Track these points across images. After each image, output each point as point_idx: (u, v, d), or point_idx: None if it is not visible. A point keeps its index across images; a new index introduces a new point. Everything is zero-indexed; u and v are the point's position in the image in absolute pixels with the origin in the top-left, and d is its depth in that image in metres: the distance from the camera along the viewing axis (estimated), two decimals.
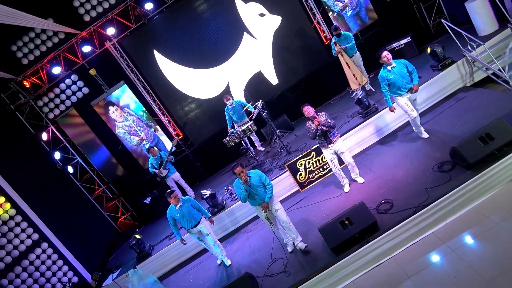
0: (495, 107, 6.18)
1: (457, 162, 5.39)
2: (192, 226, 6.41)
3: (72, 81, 9.82)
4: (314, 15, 9.81)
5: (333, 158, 6.36)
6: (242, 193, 5.53)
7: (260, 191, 5.56)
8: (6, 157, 8.58)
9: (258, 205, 5.66)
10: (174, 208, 6.39)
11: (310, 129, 6.17)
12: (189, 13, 9.58)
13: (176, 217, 6.39)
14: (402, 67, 6.21)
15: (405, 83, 6.21)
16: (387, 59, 6.22)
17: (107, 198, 10.69)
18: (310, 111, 6.07)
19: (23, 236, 8.05)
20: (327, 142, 6.18)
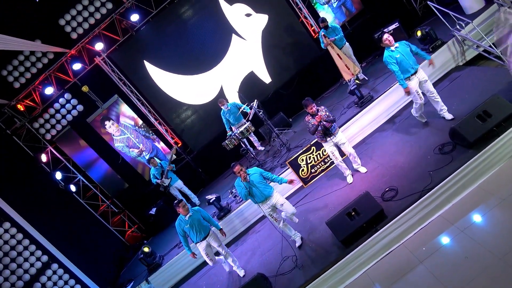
0: (489, 83, 6.17)
1: (457, 143, 5.38)
2: (202, 239, 6.11)
3: (66, 100, 9.81)
4: (300, 10, 9.80)
5: (334, 150, 6.34)
6: (243, 190, 5.62)
7: (262, 188, 5.65)
8: (8, 182, 8.57)
9: (260, 202, 5.72)
10: (183, 218, 6.06)
11: (309, 124, 6.13)
12: (176, 21, 9.57)
13: (186, 228, 6.05)
14: (405, 47, 5.93)
15: (412, 63, 5.89)
16: (389, 42, 5.91)
17: (113, 213, 10.68)
18: (314, 108, 6.02)
19: (33, 259, 8.03)
20: (328, 135, 6.17)
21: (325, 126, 6.03)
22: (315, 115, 6.03)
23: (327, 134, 6.15)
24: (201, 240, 6.13)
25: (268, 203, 5.75)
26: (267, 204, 5.75)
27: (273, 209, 5.81)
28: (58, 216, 9.20)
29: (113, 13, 9.22)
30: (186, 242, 6.23)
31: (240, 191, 5.68)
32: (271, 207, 5.78)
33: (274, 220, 5.83)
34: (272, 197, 5.77)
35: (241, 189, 5.66)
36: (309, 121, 6.13)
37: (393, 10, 9.80)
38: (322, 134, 6.16)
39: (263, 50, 9.99)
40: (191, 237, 6.15)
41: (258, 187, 5.63)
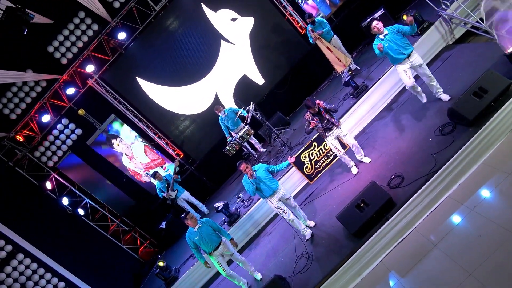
0: (481, 59, 6.17)
1: (457, 122, 5.39)
2: (213, 249, 6.00)
3: (64, 125, 9.85)
4: (285, 8, 9.83)
5: (336, 144, 6.38)
6: (250, 187, 5.83)
7: (269, 183, 5.87)
8: (16, 213, 8.61)
9: (268, 196, 5.91)
10: (192, 230, 6.00)
11: (307, 122, 6.22)
12: (163, 34, 9.60)
13: (195, 240, 5.97)
14: (394, 34, 5.93)
15: (402, 49, 5.90)
16: (377, 29, 5.94)
17: (123, 231, 10.72)
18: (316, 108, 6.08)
19: (50, 287, 8.05)
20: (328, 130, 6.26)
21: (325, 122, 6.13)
22: (317, 113, 6.11)
23: (327, 129, 6.24)
24: (213, 251, 6.03)
25: (276, 196, 5.94)
26: (275, 197, 5.94)
27: (280, 202, 5.99)
28: (69, 241, 9.25)
29: (100, 34, 9.26)
30: (198, 253, 6.18)
31: (248, 187, 5.88)
32: (278, 200, 5.96)
33: (283, 213, 5.99)
34: (279, 190, 5.98)
35: (248, 186, 5.87)
36: (308, 119, 6.18)
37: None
38: (323, 130, 6.24)
39: (253, 53, 10.02)
40: (203, 248, 6.07)
41: (265, 182, 5.85)
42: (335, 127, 6.24)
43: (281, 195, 5.97)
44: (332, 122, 6.18)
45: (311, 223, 6.39)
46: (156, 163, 10.29)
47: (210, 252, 6.06)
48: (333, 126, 6.22)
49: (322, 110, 6.12)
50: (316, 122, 6.18)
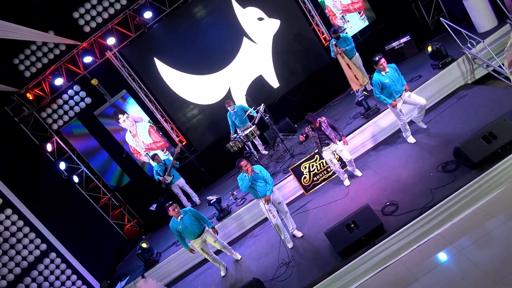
0: (497, 104, 6.17)
1: (461, 162, 5.39)
2: (196, 237, 6.36)
3: (75, 92, 9.89)
4: (313, 17, 9.83)
5: (332, 158, 6.64)
6: (245, 183, 5.90)
7: (261, 185, 5.96)
8: (12, 169, 8.63)
9: (261, 197, 5.98)
10: (175, 220, 6.32)
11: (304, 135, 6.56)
12: (188, 20, 9.62)
13: (179, 229, 6.31)
14: (394, 71, 6.33)
15: (399, 86, 6.33)
16: (383, 67, 6.28)
17: (113, 206, 10.76)
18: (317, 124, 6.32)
19: (32, 246, 8.10)
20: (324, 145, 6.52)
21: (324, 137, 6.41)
22: (317, 128, 6.35)
23: (324, 144, 6.48)
24: (196, 238, 6.37)
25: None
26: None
27: (272, 205, 6.05)
28: (59, 206, 9.27)
29: (127, 9, 9.29)
30: (182, 240, 6.47)
31: (242, 183, 5.95)
32: (270, 203, 6.01)
33: (272, 216, 6.02)
34: (273, 193, 6.06)
35: (243, 182, 5.93)
36: (307, 132, 6.50)
37: (405, 23, 9.82)
38: (319, 144, 6.48)
39: (273, 55, 10.03)
40: (186, 236, 6.40)
41: (260, 182, 5.94)
42: (332, 143, 6.46)
43: (273, 198, 6.06)
44: (330, 138, 6.40)
45: (298, 234, 6.42)
46: (158, 145, 10.33)
47: (193, 239, 6.39)
48: (330, 141, 6.45)
49: (324, 125, 6.34)
50: (314, 136, 6.43)
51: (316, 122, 6.29)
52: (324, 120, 6.41)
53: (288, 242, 6.30)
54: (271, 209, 6.04)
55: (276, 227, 6.16)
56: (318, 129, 6.36)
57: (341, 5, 9.75)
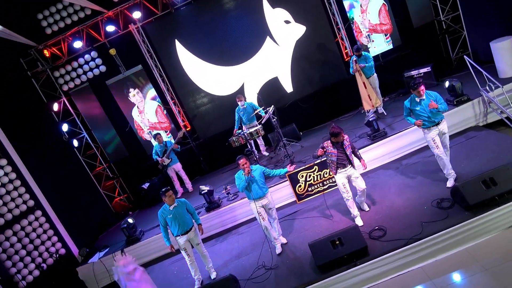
0: (504, 152, 6.15)
1: (456, 201, 5.38)
2: (183, 232, 5.94)
3: (91, 58, 9.93)
4: (339, 30, 9.82)
5: (346, 183, 5.86)
6: (242, 183, 5.80)
7: (260, 185, 5.87)
8: (14, 120, 8.66)
9: (254, 199, 5.88)
10: (167, 208, 5.93)
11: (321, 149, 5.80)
12: (216, 9, 9.64)
13: (168, 218, 5.89)
14: (428, 100, 5.78)
15: (431, 116, 5.76)
16: (420, 94, 5.75)
17: (107, 177, 10.80)
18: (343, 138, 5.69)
19: (19, 201, 8.12)
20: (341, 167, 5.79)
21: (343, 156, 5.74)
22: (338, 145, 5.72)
23: (341, 165, 5.77)
24: (182, 234, 5.97)
25: (261, 201, 5.93)
26: (260, 202, 5.93)
27: (263, 208, 5.98)
28: (53, 166, 9.31)
29: None
30: (165, 233, 6.04)
31: (239, 183, 5.86)
32: (262, 206, 5.95)
33: (262, 219, 5.94)
34: (266, 197, 5.97)
35: (240, 181, 5.84)
36: (326, 147, 5.76)
37: (429, 54, 9.81)
38: (336, 164, 5.78)
39: (293, 60, 10.02)
40: (172, 229, 5.99)
41: (257, 183, 5.85)
42: (350, 166, 5.80)
43: (265, 203, 5.98)
44: (350, 159, 5.77)
45: (283, 240, 6.40)
46: (162, 126, 10.35)
47: (179, 235, 5.98)
48: (348, 163, 5.78)
49: (346, 143, 5.71)
50: (333, 153, 5.72)
51: (342, 136, 5.63)
52: (347, 138, 5.74)
53: (277, 247, 6.20)
54: (261, 212, 5.96)
55: (265, 230, 6.10)
56: (340, 146, 5.70)
57: (369, 23, 9.74)
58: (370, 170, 7.55)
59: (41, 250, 8.13)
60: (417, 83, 5.78)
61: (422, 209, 5.64)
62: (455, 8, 9.53)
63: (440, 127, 5.87)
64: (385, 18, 9.67)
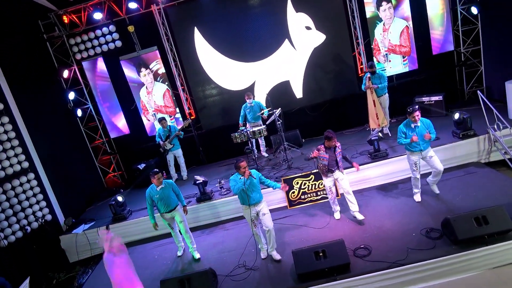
0: (501, 192, 6.14)
1: (445, 233, 5.36)
2: (167, 211, 6.38)
3: (109, 31, 9.91)
4: (358, 45, 9.80)
5: (332, 186, 6.44)
6: (238, 185, 5.58)
7: (256, 190, 5.70)
8: (23, 80, 8.64)
9: (248, 205, 5.68)
10: (155, 188, 6.33)
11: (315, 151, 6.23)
12: (240, 3, 9.62)
13: (155, 198, 6.33)
14: (424, 128, 6.08)
15: (424, 144, 6.11)
16: (415, 120, 6.06)
17: (104, 151, 10.80)
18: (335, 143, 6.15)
19: (14, 160, 8.09)
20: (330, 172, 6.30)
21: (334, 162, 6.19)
22: (330, 150, 6.16)
23: (330, 170, 6.27)
24: (166, 212, 6.40)
25: (255, 208, 5.73)
26: (254, 209, 5.73)
27: (255, 215, 5.79)
28: (54, 132, 9.29)
29: None
30: (151, 211, 6.48)
31: (235, 185, 5.62)
32: (255, 212, 5.76)
33: (253, 225, 5.81)
34: (260, 204, 5.78)
35: (236, 183, 5.62)
36: (319, 150, 6.21)
37: (443, 83, 9.80)
38: (327, 168, 6.25)
39: (307, 66, 10.01)
40: (158, 207, 6.42)
41: (253, 189, 5.65)
42: (338, 171, 6.28)
43: (259, 209, 5.76)
44: (338, 165, 6.24)
45: (276, 256, 5.94)
46: (167, 110, 10.35)
47: (163, 213, 6.42)
48: (336, 169, 6.27)
49: (338, 150, 6.18)
50: (325, 157, 6.17)
51: (335, 141, 6.09)
52: (339, 146, 6.24)
53: (262, 252, 6.09)
54: (254, 220, 5.78)
55: (255, 235, 5.96)
56: (332, 152, 6.17)
57: (389, 43, 9.72)
58: (366, 188, 7.55)
59: (28, 213, 8.12)
60: (411, 109, 6.07)
61: (411, 235, 5.63)
62: (476, 42, 9.52)
63: (424, 153, 6.18)
64: (405, 41, 9.64)
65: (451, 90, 9.90)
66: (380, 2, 9.47)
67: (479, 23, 9.33)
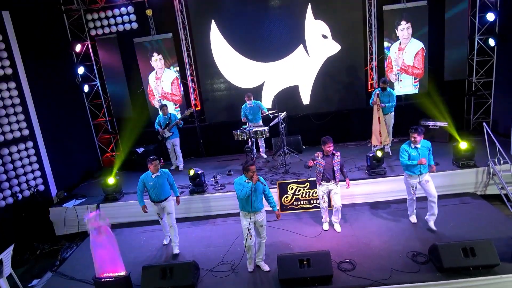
0: (492, 227, 6.13)
1: (432, 259, 5.36)
2: (158, 200, 6.28)
3: (127, 12, 9.89)
4: (372, 60, 9.80)
5: (325, 195, 6.42)
6: (244, 190, 5.26)
7: (259, 198, 5.43)
8: (34, 48, 8.63)
9: (249, 212, 5.35)
10: (150, 175, 6.23)
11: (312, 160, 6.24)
12: (260, 2, 9.62)
13: (148, 185, 6.23)
14: (425, 150, 6.03)
15: (423, 167, 5.99)
16: (414, 141, 5.99)
17: (105, 130, 10.82)
18: (331, 149, 6.15)
19: (15, 126, 8.10)
20: (325, 180, 6.29)
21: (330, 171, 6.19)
22: (327, 155, 6.18)
23: (326, 178, 6.26)
24: (157, 202, 6.31)
25: (255, 216, 5.40)
26: (253, 218, 5.39)
27: (253, 224, 5.46)
28: (58, 104, 9.29)
29: None
30: (141, 195, 6.41)
31: (242, 189, 5.28)
32: (254, 221, 5.44)
33: (249, 237, 5.45)
34: (261, 213, 5.49)
35: (243, 188, 5.28)
36: (317, 157, 6.23)
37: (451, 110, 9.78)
38: (322, 175, 6.25)
39: (318, 74, 10.01)
40: (150, 194, 6.32)
41: (257, 196, 5.37)
42: (333, 181, 6.26)
43: (258, 219, 5.45)
44: (334, 175, 6.22)
45: (265, 267, 5.72)
46: (174, 98, 10.35)
47: (155, 202, 6.33)
48: (332, 179, 6.25)
49: (336, 159, 6.17)
50: (321, 164, 6.15)
51: (330, 147, 6.08)
52: (339, 155, 6.23)
53: (249, 264, 5.76)
54: (251, 229, 5.44)
55: (247, 248, 5.58)
56: (330, 161, 6.16)
57: (402, 63, 9.72)
58: (358, 203, 7.55)
59: (21, 181, 8.13)
60: (412, 131, 6.01)
61: (397, 256, 5.63)
62: (489, 74, 9.52)
63: (421, 177, 6.10)
64: (419, 63, 9.64)
65: (458, 118, 9.89)
66: (399, 21, 9.47)
67: (495, 55, 9.33)
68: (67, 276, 6.27)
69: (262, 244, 5.70)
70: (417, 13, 9.39)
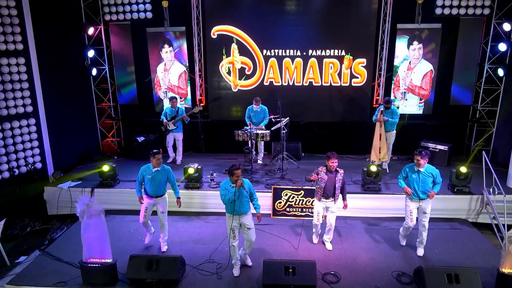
0: (479, 256, 6.17)
1: (416, 281, 5.40)
2: (153, 196, 6.12)
3: (144, 1, 9.87)
4: (380, 76, 9.84)
5: (321, 212, 6.24)
6: (228, 194, 5.27)
7: (245, 201, 5.41)
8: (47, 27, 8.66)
9: (234, 214, 5.34)
10: (150, 168, 6.06)
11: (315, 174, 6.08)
12: (277, 6, 9.62)
13: (146, 178, 6.05)
14: (428, 177, 5.85)
15: (421, 191, 5.85)
16: (419, 164, 5.82)
17: (108, 115, 10.86)
18: (334, 164, 5.96)
19: (20, 102, 8.14)
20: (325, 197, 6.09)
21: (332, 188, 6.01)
22: (330, 171, 5.99)
23: (325, 195, 6.06)
24: (151, 197, 6.15)
25: (241, 219, 5.44)
26: (238, 220, 5.43)
27: (238, 226, 5.50)
28: (65, 84, 9.34)
29: None
30: (139, 186, 6.22)
31: (226, 194, 5.29)
32: (239, 224, 5.47)
33: (233, 238, 5.47)
34: (247, 216, 5.50)
35: (227, 192, 5.30)
36: (320, 172, 6.03)
37: (452, 134, 9.84)
38: (322, 191, 6.06)
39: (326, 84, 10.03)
40: (146, 187, 6.14)
41: (242, 199, 5.37)
42: (331, 198, 6.07)
43: (244, 221, 5.46)
44: (335, 193, 6.03)
45: (248, 262, 5.91)
46: (180, 91, 10.39)
47: (148, 196, 6.17)
48: (332, 197, 6.06)
49: (339, 177, 5.98)
50: (323, 179, 5.97)
51: (334, 163, 5.88)
52: (342, 173, 6.03)
53: (235, 268, 5.73)
54: (235, 231, 5.44)
55: (231, 248, 5.59)
56: (333, 177, 5.97)
57: (410, 82, 9.75)
58: (350, 217, 7.56)
59: (20, 156, 8.18)
60: (417, 153, 5.82)
61: (381, 274, 5.66)
62: (495, 103, 9.55)
63: (422, 204, 5.95)
64: (427, 84, 9.67)
65: (458, 143, 9.93)
66: (411, 41, 9.50)
67: (502, 85, 9.36)
68: (54, 256, 6.29)
69: (251, 244, 5.70)
70: (430, 35, 9.43)
